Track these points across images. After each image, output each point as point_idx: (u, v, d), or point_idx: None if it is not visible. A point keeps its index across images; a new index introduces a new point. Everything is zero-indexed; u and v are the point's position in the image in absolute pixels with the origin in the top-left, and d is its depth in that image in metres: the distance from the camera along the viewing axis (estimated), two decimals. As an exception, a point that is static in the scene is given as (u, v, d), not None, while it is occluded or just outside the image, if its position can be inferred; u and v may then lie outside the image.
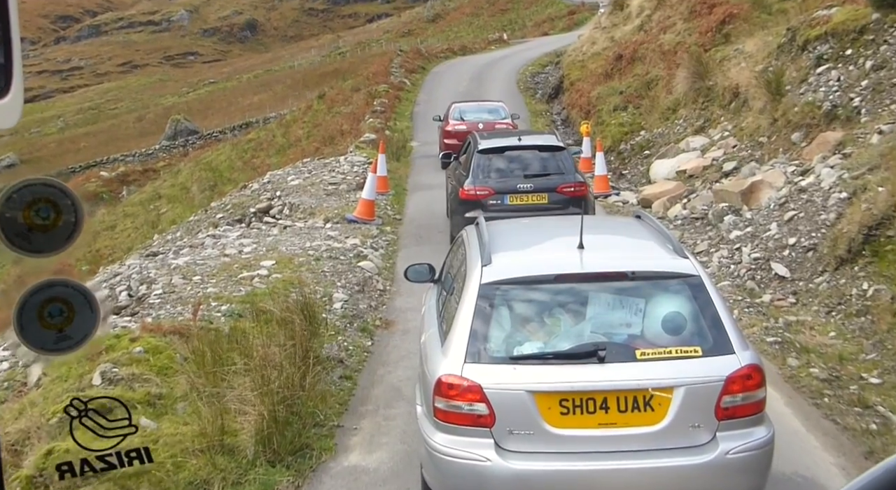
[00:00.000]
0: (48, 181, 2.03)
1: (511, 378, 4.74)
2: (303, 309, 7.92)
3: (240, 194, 17.78)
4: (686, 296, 4.99)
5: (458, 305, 5.15)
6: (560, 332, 4.95)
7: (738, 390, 4.70)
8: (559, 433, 4.69)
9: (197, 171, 40.26)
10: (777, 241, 9.99)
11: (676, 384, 4.68)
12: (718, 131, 18.88)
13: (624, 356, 4.77)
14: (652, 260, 5.30)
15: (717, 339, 4.82)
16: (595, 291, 5.00)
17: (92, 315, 2.10)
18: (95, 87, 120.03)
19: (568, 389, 4.69)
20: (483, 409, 4.73)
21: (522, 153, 12.20)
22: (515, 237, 6.16)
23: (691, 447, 4.71)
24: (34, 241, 2.00)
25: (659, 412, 4.68)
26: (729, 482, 4.78)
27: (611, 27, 35.04)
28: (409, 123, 28.71)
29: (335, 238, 12.17)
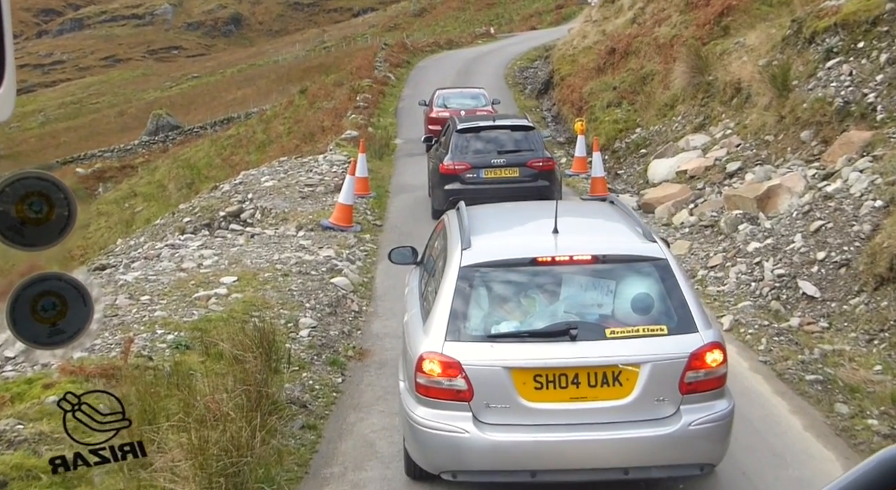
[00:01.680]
0: (41, 175, 2.04)
1: (488, 355, 5.08)
2: (260, 341, 6.72)
3: (209, 196, 16.55)
4: (654, 278, 5.33)
5: (439, 286, 5.46)
6: (535, 311, 5.30)
7: (701, 366, 5.07)
8: (533, 407, 5.05)
9: (174, 168, 38.95)
10: (803, 256, 8.85)
11: (643, 361, 5.04)
12: (720, 129, 17.80)
13: (594, 334, 5.12)
14: (622, 244, 5.63)
15: (682, 318, 5.16)
16: (568, 273, 5.35)
17: (85, 309, 2.11)
18: (77, 81, 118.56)
19: (542, 365, 5.04)
20: (462, 385, 5.06)
21: (496, 132, 13.61)
22: (494, 222, 6.46)
23: (656, 419, 5.08)
24: (27, 234, 2.01)
25: (626, 387, 5.04)
26: (691, 452, 5.15)
27: (602, 20, 33.98)
28: (393, 120, 27.48)
29: (307, 249, 10.96)
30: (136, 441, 3.21)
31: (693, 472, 5.27)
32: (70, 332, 2.10)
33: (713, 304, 8.92)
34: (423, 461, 5.39)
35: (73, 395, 3.08)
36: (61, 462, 2.99)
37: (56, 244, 2.04)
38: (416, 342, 5.33)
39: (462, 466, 5.19)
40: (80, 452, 2.97)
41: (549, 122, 27.73)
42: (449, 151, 13.20)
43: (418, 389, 5.18)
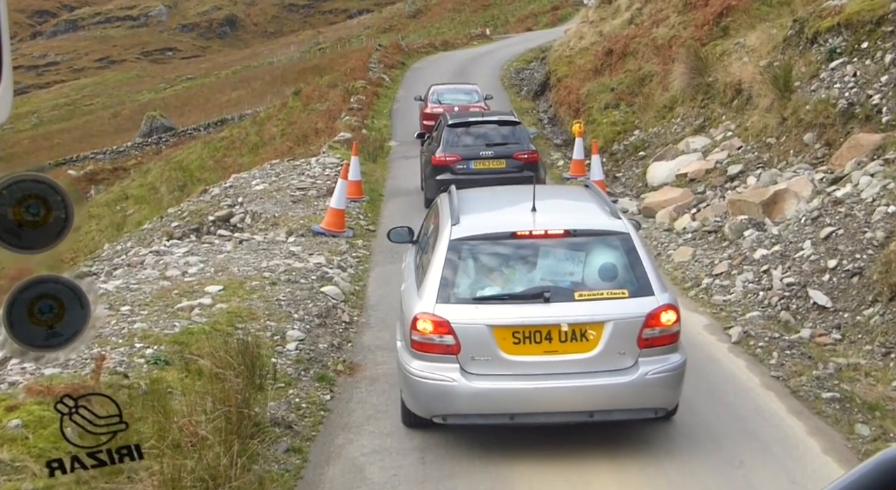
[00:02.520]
0: (38, 177, 2.02)
1: (474, 315, 5.91)
2: (244, 356, 6.33)
3: (198, 200, 16.12)
4: (618, 249, 6.16)
5: (431, 257, 6.28)
6: (514, 278, 6.17)
7: (656, 325, 5.88)
8: (511, 359, 5.86)
9: (167, 170, 38.52)
10: (814, 264, 8.48)
11: (606, 319, 5.85)
12: (720, 131, 17.45)
13: (565, 297, 5.95)
14: (591, 220, 6.48)
15: (641, 284, 5.99)
16: (544, 246, 6.18)
17: (82, 312, 2.09)
18: (72, 82, 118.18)
19: (519, 323, 5.86)
20: (451, 340, 5.87)
21: (485, 127, 14.60)
22: (480, 202, 7.30)
23: (617, 370, 5.87)
24: (24, 237, 1.99)
25: (592, 342, 5.85)
26: (647, 398, 5.95)
27: (599, 21, 33.63)
28: (388, 122, 27.07)
29: (297, 255, 10.55)
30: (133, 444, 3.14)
31: (649, 415, 6.08)
32: (67, 335, 2.08)
33: (719, 315, 8.55)
34: (417, 408, 6.21)
35: (70, 397, 3.08)
36: (58, 465, 2.94)
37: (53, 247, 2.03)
38: (412, 305, 6.17)
39: (451, 411, 6.01)
40: (77, 455, 2.93)
41: (546, 124, 27.35)
42: (440, 144, 14.06)
43: (413, 345, 6.04)
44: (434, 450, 5.94)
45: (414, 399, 6.19)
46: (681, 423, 6.22)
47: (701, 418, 6.28)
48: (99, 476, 4.58)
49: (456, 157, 13.87)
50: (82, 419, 3.05)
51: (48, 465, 2.99)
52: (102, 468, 4.62)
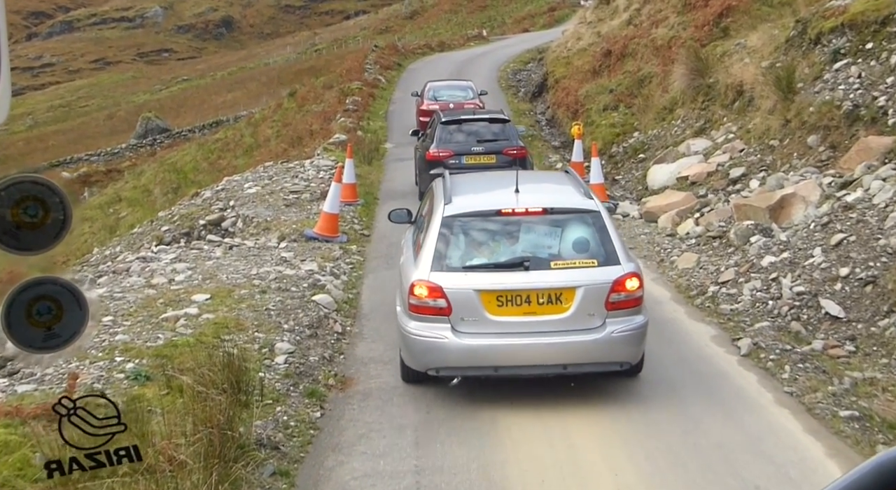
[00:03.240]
0: (37, 179, 2.03)
1: (463, 282, 6.73)
2: (229, 371, 5.98)
3: (189, 203, 15.77)
4: (589, 225, 7.01)
5: (426, 232, 7.12)
6: (499, 250, 6.98)
7: (622, 290, 6.70)
8: (496, 319, 6.68)
9: (161, 172, 38.12)
10: (825, 272, 8.14)
11: (578, 285, 6.68)
12: (722, 133, 17.14)
13: (543, 266, 6.77)
14: (567, 200, 7.32)
15: (609, 254, 6.82)
16: (525, 222, 6.99)
17: (80, 313, 2.11)
18: (67, 84, 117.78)
19: (502, 289, 6.69)
20: (443, 303, 6.69)
21: (476, 124, 15.22)
22: (470, 185, 8.17)
23: (588, 329, 6.70)
24: (22, 239, 1.99)
25: (566, 305, 6.67)
26: (614, 353, 6.76)
27: (597, 22, 33.33)
28: (384, 123, 26.72)
29: (289, 262, 10.19)
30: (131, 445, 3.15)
31: (615, 368, 6.89)
32: (65, 336, 2.08)
33: (727, 325, 8.22)
34: (413, 363, 7.02)
35: (68, 399, 3.05)
36: (56, 466, 2.96)
37: (51, 248, 2.03)
38: (410, 273, 7.03)
39: (443, 364, 6.82)
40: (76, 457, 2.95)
41: (544, 126, 27.03)
42: (434, 141, 14.74)
43: (410, 308, 6.87)
44: (430, 475, 5.59)
45: (411, 355, 7.03)
46: (693, 444, 5.89)
47: (713, 438, 5.94)
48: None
49: (449, 153, 14.46)
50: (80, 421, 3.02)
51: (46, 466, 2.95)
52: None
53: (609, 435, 6.14)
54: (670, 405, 6.56)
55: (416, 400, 6.76)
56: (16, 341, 2.09)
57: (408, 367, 7.16)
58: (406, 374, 7.27)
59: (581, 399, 6.81)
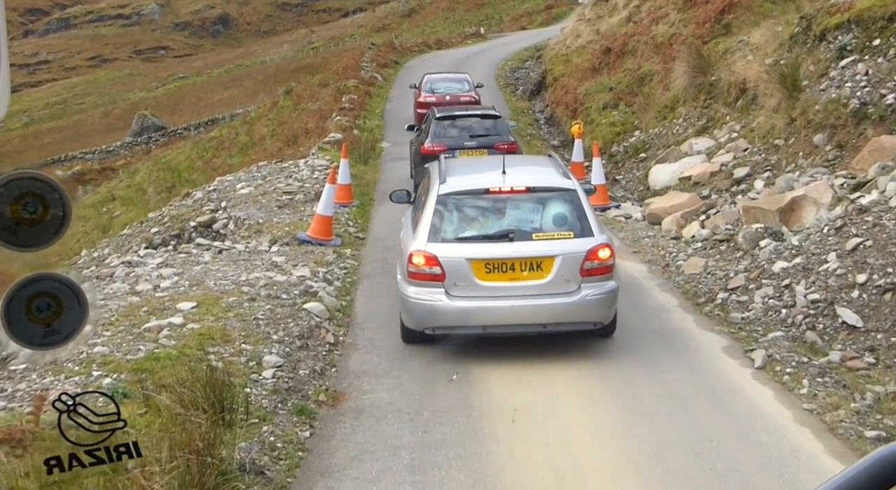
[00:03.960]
0: (36, 175, 2.06)
1: (456, 251, 7.62)
2: (211, 388, 5.59)
3: (180, 204, 15.37)
4: (567, 202, 7.86)
5: (423, 209, 7.97)
6: (488, 223, 7.87)
7: (595, 258, 7.58)
8: (484, 284, 7.57)
9: (155, 171, 37.70)
10: (841, 279, 7.75)
11: (556, 254, 7.57)
12: (725, 132, 16.77)
13: (525, 237, 7.69)
14: (548, 180, 8.17)
15: (584, 227, 7.73)
16: (511, 199, 7.88)
17: (80, 309, 2.11)
18: (63, 81, 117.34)
19: (490, 257, 7.59)
20: (438, 270, 7.56)
21: (469, 120, 15.82)
22: (463, 167, 9.19)
23: (565, 293, 7.57)
24: (22, 235, 2.00)
25: (545, 272, 7.56)
26: (588, 314, 7.65)
27: (596, 19, 32.96)
28: (380, 122, 26.30)
29: (280, 267, 9.78)
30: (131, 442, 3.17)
31: (588, 327, 7.79)
32: (65, 333, 2.08)
33: (738, 334, 7.83)
34: (412, 323, 7.91)
35: (68, 395, 3.05)
36: (56, 463, 2.90)
37: (51, 245, 2.03)
38: (408, 244, 7.94)
39: (437, 324, 7.74)
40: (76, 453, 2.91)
41: (543, 125, 26.63)
42: (429, 136, 15.27)
43: (409, 275, 7.74)
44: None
45: (410, 317, 7.90)
46: (708, 468, 5.49)
47: (730, 462, 5.54)
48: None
49: (443, 147, 14.68)
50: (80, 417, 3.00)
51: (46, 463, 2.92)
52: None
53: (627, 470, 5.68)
54: (683, 423, 6.17)
55: (412, 418, 6.35)
56: (15, 338, 2.07)
57: (407, 329, 8.07)
58: (405, 334, 8.16)
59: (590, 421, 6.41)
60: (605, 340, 7.95)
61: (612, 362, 7.46)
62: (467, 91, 24.61)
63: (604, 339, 7.98)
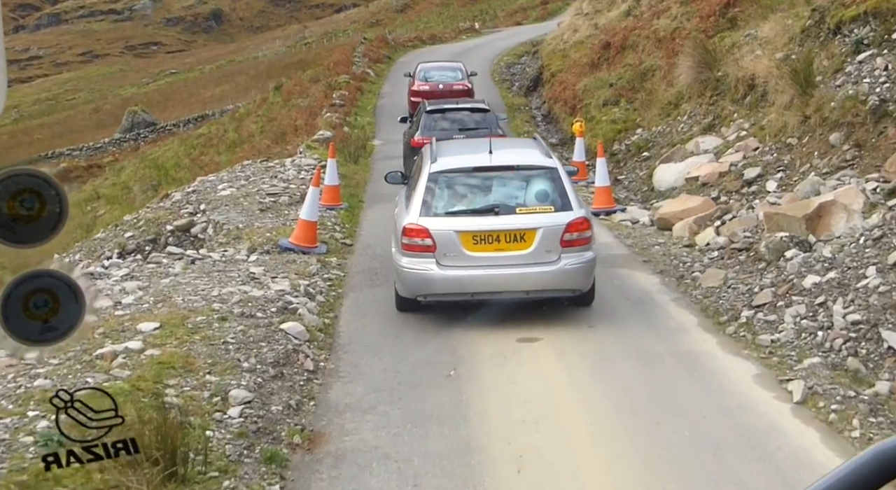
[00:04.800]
0: (32, 172, 2.08)
1: (446, 224, 8.35)
2: (163, 434, 4.70)
3: (158, 206, 14.45)
4: (548, 179, 8.66)
5: (416, 186, 8.80)
6: (475, 199, 8.66)
7: (574, 230, 8.31)
8: (472, 255, 8.28)
9: (141, 168, 36.73)
10: (884, 297, 6.87)
11: (538, 227, 8.29)
12: (733, 130, 15.93)
13: (510, 211, 8.42)
14: (531, 159, 8.98)
15: (564, 202, 8.46)
16: (497, 177, 8.72)
17: (77, 306, 2.11)
18: (54, 77, 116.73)
19: (477, 230, 8.30)
20: (429, 242, 8.29)
21: (459, 114, 16.03)
22: (453, 148, 9.74)
23: (546, 262, 8.26)
24: (18, 231, 2.02)
25: (528, 242, 8.28)
26: (567, 281, 8.36)
27: (594, 13, 32.15)
28: (372, 119, 25.39)
29: (257, 279, 8.85)
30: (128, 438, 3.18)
31: (568, 294, 8.38)
32: (62, 329, 2.10)
33: (770, 360, 6.93)
34: (405, 292, 8.46)
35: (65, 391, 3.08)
36: (54, 459, 2.95)
37: (48, 241, 2.05)
38: (402, 219, 8.47)
39: (429, 291, 8.30)
40: (73, 450, 2.92)
41: (540, 122, 25.74)
42: (419, 128, 15.42)
43: (403, 247, 8.29)
44: None
45: (404, 285, 8.49)
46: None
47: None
48: None
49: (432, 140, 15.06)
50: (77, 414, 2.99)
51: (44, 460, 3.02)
52: None
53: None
54: (719, 474, 5.24)
55: (401, 467, 5.40)
56: (13, 334, 2.09)
57: (401, 297, 8.66)
58: (399, 302, 8.76)
59: (611, 473, 5.51)
60: (622, 371, 7.03)
61: (630, 395, 6.54)
62: (461, 79, 24.88)
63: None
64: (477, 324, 8.25)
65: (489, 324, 8.26)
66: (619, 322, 8.13)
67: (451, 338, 7.92)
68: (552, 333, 7.88)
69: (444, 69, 26.11)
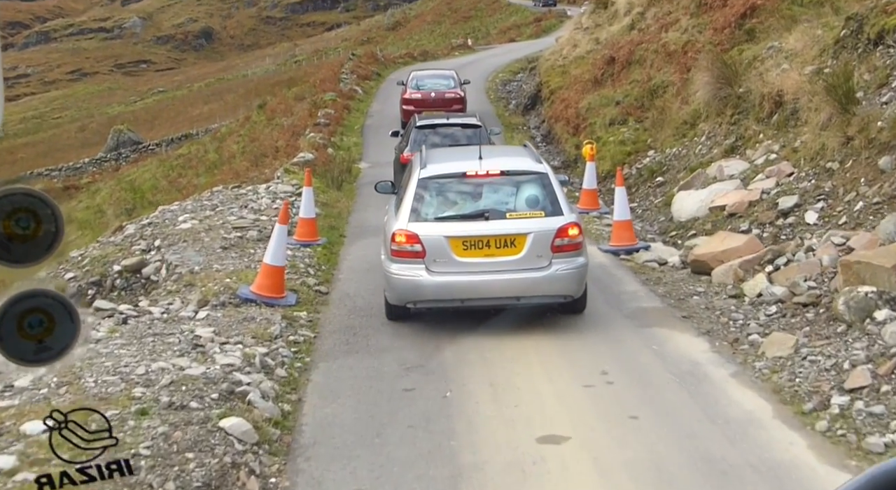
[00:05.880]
0: (28, 191, 2.07)
1: (435, 230, 8.26)
2: None
3: (108, 241, 12.54)
4: (539, 184, 8.60)
5: (405, 192, 8.71)
6: (465, 204, 8.57)
7: (565, 236, 8.23)
8: (462, 260, 8.19)
9: (117, 190, 34.85)
10: None
11: (529, 232, 8.21)
12: (761, 153, 14.17)
13: (500, 217, 8.36)
14: (521, 164, 8.94)
15: (554, 207, 8.40)
16: (486, 183, 8.60)
17: (72, 326, 2.12)
18: (41, 95, 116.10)
19: (467, 235, 8.21)
20: (419, 248, 8.19)
21: (449, 129, 15.52)
22: (443, 155, 9.91)
23: (537, 268, 8.18)
24: (14, 251, 2.03)
25: (518, 248, 8.18)
26: (558, 287, 8.28)
27: (594, 28, 30.55)
28: (359, 139, 23.53)
29: (201, 348, 6.87)
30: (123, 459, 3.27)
31: (559, 300, 8.47)
32: (57, 349, 2.08)
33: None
34: (395, 299, 8.54)
35: (59, 412, 2.99)
36: (47, 480, 2.86)
37: (44, 261, 2.04)
38: (392, 224, 8.60)
39: (419, 298, 8.41)
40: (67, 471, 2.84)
41: (540, 142, 23.91)
42: (409, 144, 14.97)
43: (392, 253, 8.40)
44: None
45: (393, 292, 8.39)
46: None
47: None
48: None
49: None
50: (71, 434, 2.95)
51: (37, 481, 2.91)
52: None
53: None
54: None
55: None
56: (7, 354, 2.02)
57: (391, 305, 8.54)
58: (390, 311, 8.63)
59: None
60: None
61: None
62: (453, 87, 24.71)
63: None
64: (483, 411, 6.30)
65: (499, 418, 6.27)
66: (668, 410, 6.13)
67: (450, 435, 5.93)
68: (583, 428, 5.87)
69: (437, 77, 25.88)
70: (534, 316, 8.60)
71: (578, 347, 7.71)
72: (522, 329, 8.37)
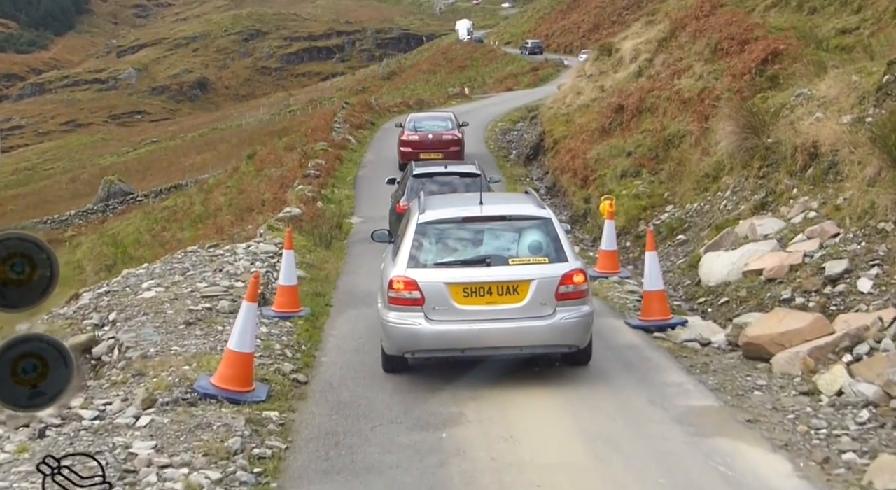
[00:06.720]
0: (24, 236, 2.08)
1: (435, 276, 7.98)
2: None
3: (59, 313, 10.90)
4: (542, 230, 8.37)
5: (403, 238, 8.47)
6: (466, 250, 8.29)
7: (570, 283, 7.98)
8: (462, 308, 7.91)
9: (98, 245, 33.25)
10: None
11: (532, 278, 7.94)
12: (797, 210, 12.68)
13: (502, 263, 8.07)
14: (523, 209, 8.67)
15: (559, 253, 8.16)
16: (488, 228, 8.36)
17: (66, 371, 2.11)
18: (35, 146, 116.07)
19: (468, 282, 7.93)
20: (417, 295, 7.93)
21: (447, 177, 15.00)
22: (442, 201, 9.56)
23: (540, 316, 7.91)
24: (9, 296, 2.03)
25: (522, 295, 7.92)
26: (562, 336, 7.98)
27: (598, 75, 29.32)
28: (351, 191, 21.99)
29: (132, 476, 5.21)
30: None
31: (564, 350, 8.16)
32: (51, 394, 2.06)
33: None
34: (392, 348, 8.18)
35: (52, 458, 2.89)
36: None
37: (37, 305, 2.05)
38: (389, 271, 8.28)
39: (417, 347, 8.03)
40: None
41: (545, 195, 22.38)
42: (405, 193, 14.63)
43: (389, 301, 8.07)
44: None
45: (390, 341, 8.14)
46: None
47: None
48: None
49: None
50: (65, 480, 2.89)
51: None
52: None
53: None
54: None
55: None
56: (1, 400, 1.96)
57: (388, 356, 8.30)
58: (387, 362, 8.42)
59: None
60: None
61: None
62: (450, 129, 24.59)
63: None
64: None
65: None
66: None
67: None
68: None
69: (435, 119, 25.88)
70: (567, 425, 6.89)
71: (622, 469, 5.85)
72: (553, 447, 6.50)
